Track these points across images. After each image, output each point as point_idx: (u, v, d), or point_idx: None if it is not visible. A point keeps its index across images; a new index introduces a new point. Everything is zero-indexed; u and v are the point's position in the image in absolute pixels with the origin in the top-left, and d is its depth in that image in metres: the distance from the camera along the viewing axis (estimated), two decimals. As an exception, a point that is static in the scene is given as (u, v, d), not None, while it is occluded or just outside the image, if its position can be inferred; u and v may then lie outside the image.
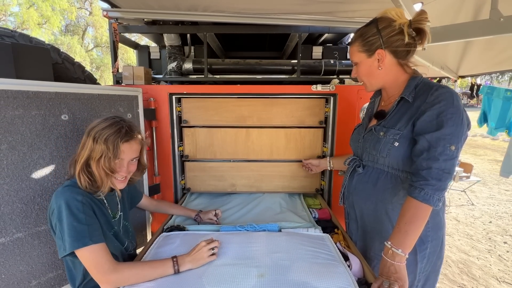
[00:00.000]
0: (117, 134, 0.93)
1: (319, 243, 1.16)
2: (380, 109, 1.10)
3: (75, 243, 0.84)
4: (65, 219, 0.85)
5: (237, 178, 1.79)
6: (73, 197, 0.89)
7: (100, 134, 0.92)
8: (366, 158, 1.09)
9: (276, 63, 1.88)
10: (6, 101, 0.99)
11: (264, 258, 1.03)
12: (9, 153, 1.02)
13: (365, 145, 1.09)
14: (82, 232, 0.85)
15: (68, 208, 0.86)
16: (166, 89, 1.61)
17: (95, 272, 0.86)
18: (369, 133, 1.08)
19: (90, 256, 0.86)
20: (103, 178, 0.94)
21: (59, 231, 0.87)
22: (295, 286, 0.87)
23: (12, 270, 1.06)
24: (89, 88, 1.24)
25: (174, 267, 0.93)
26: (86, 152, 0.93)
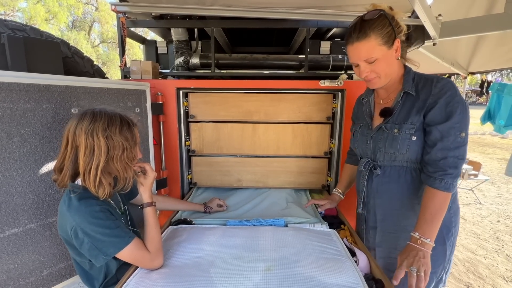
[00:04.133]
0: (125, 123, 0.92)
1: (326, 239, 1.16)
2: (383, 106, 1.08)
3: (115, 248, 0.86)
4: (93, 232, 0.84)
5: (243, 173, 1.79)
6: (91, 210, 0.86)
7: (110, 130, 0.88)
8: (381, 157, 1.07)
9: (284, 58, 1.87)
10: (18, 94, 1.01)
11: (271, 252, 1.04)
12: (21, 145, 1.04)
13: (377, 145, 1.07)
14: (117, 236, 0.87)
15: (91, 222, 0.85)
16: (173, 83, 1.61)
17: (142, 264, 0.92)
18: (379, 132, 1.06)
19: (132, 253, 0.89)
20: (126, 172, 0.92)
21: (90, 244, 0.84)
22: (302, 280, 0.88)
23: (24, 260, 1.08)
24: (99, 82, 1.25)
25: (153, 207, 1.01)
26: (103, 155, 0.86)
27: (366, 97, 1.18)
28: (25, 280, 1.10)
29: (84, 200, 0.87)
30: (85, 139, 0.86)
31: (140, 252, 0.90)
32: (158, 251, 0.94)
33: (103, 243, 0.84)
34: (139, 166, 1.01)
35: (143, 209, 1.00)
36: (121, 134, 0.90)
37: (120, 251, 0.86)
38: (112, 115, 0.91)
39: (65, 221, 0.87)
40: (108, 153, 0.88)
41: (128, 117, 0.96)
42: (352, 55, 0.97)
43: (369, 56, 0.94)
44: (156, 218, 1.00)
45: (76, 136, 0.87)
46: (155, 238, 0.95)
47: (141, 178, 1.01)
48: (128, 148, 0.91)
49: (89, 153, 0.86)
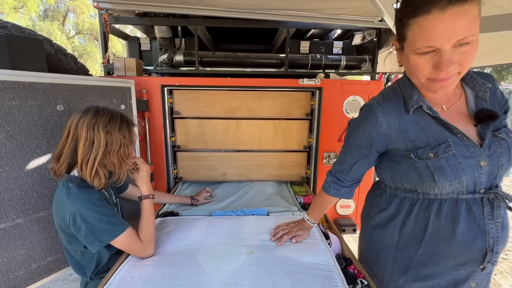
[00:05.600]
0: (125, 122, 0.98)
1: None
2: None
3: (110, 235, 0.91)
4: (91, 218, 0.89)
5: (228, 167, 1.87)
6: (90, 198, 0.91)
7: (111, 126, 0.93)
8: (500, 180, 0.75)
9: (265, 56, 1.95)
10: (3, 91, 1.02)
11: (253, 238, 1.13)
12: (7, 142, 1.05)
13: (498, 163, 0.72)
14: (112, 223, 0.92)
15: (91, 208, 0.89)
16: (158, 81, 1.65)
17: (137, 251, 0.98)
18: (493, 145, 0.71)
19: (125, 241, 0.94)
20: (120, 167, 0.98)
21: (87, 230, 0.89)
22: (281, 260, 0.98)
23: (13, 254, 1.11)
24: (83, 80, 1.27)
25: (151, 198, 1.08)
26: (101, 148, 0.91)
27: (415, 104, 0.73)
28: (14, 273, 1.12)
29: (83, 189, 0.92)
30: (86, 131, 0.91)
31: (133, 241, 0.96)
32: (150, 241, 1.01)
33: (99, 230, 0.89)
34: (131, 163, 1.06)
35: (141, 201, 1.05)
36: (120, 131, 0.95)
37: (115, 239, 0.92)
38: (114, 113, 0.97)
39: (63, 208, 0.91)
40: (106, 147, 0.93)
41: (128, 117, 1.02)
42: (439, 29, 0.58)
43: (469, 33, 0.58)
44: (152, 210, 1.06)
45: (78, 128, 0.92)
46: (149, 229, 1.01)
47: (135, 174, 1.07)
48: (125, 144, 0.97)
49: (88, 144, 0.92)
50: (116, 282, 0.88)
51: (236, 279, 0.88)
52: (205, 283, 0.86)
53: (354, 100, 1.74)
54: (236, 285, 0.85)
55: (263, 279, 0.88)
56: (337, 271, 0.92)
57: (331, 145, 1.81)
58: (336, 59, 1.96)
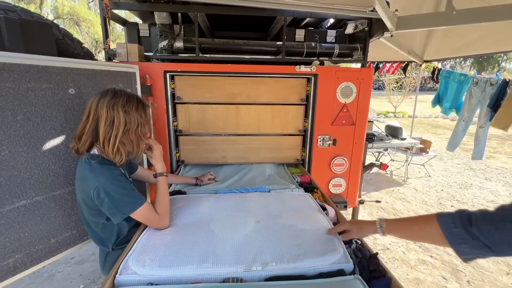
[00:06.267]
0: (141, 103, 1.05)
1: (302, 200, 1.40)
2: None
3: (131, 208, 0.99)
4: (113, 192, 0.96)
5: (228, 150, 1.97)
6: (112, 173, 0.99)
7: (129, 106, 1.00)
8: None
9: (263, 44, 2.02)
10: (20, 74, 1.06)
11: (258, 210, 1.25)
12: (25, 123, 1.10)
13: None
14: (133, 197, 1.01)
15: (113, 182, 0.97)
16: (160, 66, 1.70)
17: (154, 223, 1.06)
18: None
19: (144, 214, 1.02)
20: (139, 145, 1.06)
21: (110, 203, 0.96)
22: (285, 227, 1.10)
23: (34, 229, 1.18)
24: (93, 64, 1.31)
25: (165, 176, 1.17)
26: (121, 127, 0.98)
27: None
28: (35, 247, 1.20)
29: (106, 165, 1.00)
30: (106, 111, 0.98)
31: (151, 213, 1.05)
32: (165, 214, 1.10)
33: (121, 202, 0.98)
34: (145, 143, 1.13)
35: (156, 177, 1.15)
36: (137, 111, 1.02)
37: (135, 211, 1.01)
38: (130, 94, 1.04)
39: (87, 183, 0.98)
40: (125, 126, 1.00)
41: (143, 99, 1.09)
42: None
43: None
44: (166, 186, 1.15)
45: (98, 108, 0.99)
46: (164, 202, 1.11)
47: (150, 153, 1.16)
48: (142, 124, 1.04)
49: (109, 123, 0.98)
50: (139, 248, 0.98)
51: (247, 242, 0.99)
52: (220, 247, 0.96)
53: (346, 86, 1.86)
54: (248, 247, 0.96)
55: (271, 241, 0.99)
56: (335, 235, 1.05)
57: (325, 128, 1.94)
58: (330, 47, 2.06)
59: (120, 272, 0.85)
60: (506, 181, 4.75)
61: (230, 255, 0.90)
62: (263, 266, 0.85)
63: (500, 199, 3.99)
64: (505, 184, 4.61)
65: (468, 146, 6.98)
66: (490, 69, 24.77)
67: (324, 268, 0.85)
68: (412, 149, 4.27)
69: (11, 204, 1.10)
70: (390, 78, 12.25)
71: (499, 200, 3.95)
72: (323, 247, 0.94)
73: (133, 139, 1.04)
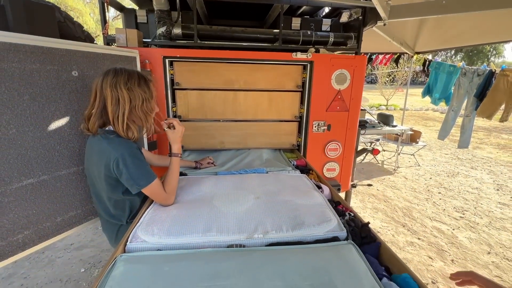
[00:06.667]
0: (142, 78, 1.08)
1: (298, 180, 1.47)
2: None
3: (146, 181, 1.04)
4: (131, 164, 1.01)
5: (226, 136, 2.02)
6: (130, 146, 1.04)
7: (131, 83, 1.02)
8: None
9: (260, 31, 2.06)
10: (25, 55, 1.09)
11: (257, 188, 1.31)
12: (31, 103, 1.13)
13: None
14: (148, 171, 1.05)
15: (131, 155, 1.02)
16: (160, 52, 1.72)
17: (161, 199, 1.10)
18: None
19: (154, 189, 1.07)
20: (147, 120, 1.11)
21: (128, 174, 1.01)
22: (283, 202, 1.17)
23: (41, 207, 1.22)
24: (95, 48, 1.34)
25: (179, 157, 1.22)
26: (127, 104, 1.02)
27: None
28: (42, 224, 1.24)
29: (121, 139, 1.06)
30: (110, 91, 1.01)
31: (160, 190, 1.10)
32: (172, 193, 1.15)
33: (138, 175, 1.03)
34: (168, 122, 1.20)
35: (170, 157, 1.21)
36: (140, 87, 1.05)
37: (149, 185, 1.05)
38: (131, 71, 1.07)
39: (106, 155, 1.02)
40: (130, 103, 1.04)
41: (144, 74, 1.11)
42: None
43: None
44: (178, 168, 1.21)
45: (103, 89, 1.02)
46: (173, 182, 1.16)
47: (169, 133, 1.21)
48: (147, 99, 1.08)
49: (115, 103, 1.02)
50: (146, 220, 1.03)
51: (248, 215, 1.05)
52: (223, 218, 1.02)
53: (341, 73, 1.93)
54: (249, 218, 1.03)
55: (270, 214, 1.06)
56: (329, 208, 1.12)
57: (320, 114, 2.01)
58: (325, 35, 2.11)
59: (130, 240, 0.90)
60: (491, 169, 4.96)
61: (233, 225, 0.96)
62: (264, 234, 0.91)
63: (484, 186, 4.18)
64: (489, 172, 4.81)
65: (456, 137, 7.19)
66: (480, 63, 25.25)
67: (320, 235, 0.92)
68: (403, 136, 4.42)
69: (19, 182, 1.14)
70: (383, 71, 12.40)
71: (483, 187, 4.15)
72: (319, 218, 1.00)
73: (141, 115, 1.08)
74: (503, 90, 3.27)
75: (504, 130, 8.58)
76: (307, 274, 0.70)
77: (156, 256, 0.80)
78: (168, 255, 0.81)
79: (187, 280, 0.69)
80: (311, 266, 0.73)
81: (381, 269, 0.77)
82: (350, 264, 0.75)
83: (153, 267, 0.74)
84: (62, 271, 2.25)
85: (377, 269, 0.76)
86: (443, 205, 3.54)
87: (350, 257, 0.78)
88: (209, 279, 0.69)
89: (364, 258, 0.79)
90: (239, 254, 0.80)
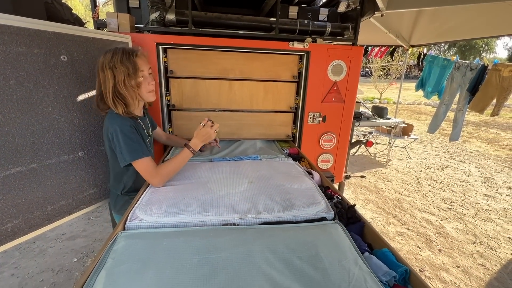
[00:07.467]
0: (127, 54, 1.10)
1: (290, 166, 1.49)
2: None
3: (132, 156, 1.08)
4: (121, 139, 1.08)
5: (221, 126, 1.95)
6: (123, 123, 1.10)
7: (113, 61, 1.06)
8: None
9: (256, 19, 2.01)
10: (10, 36, 1.03)
11: (251, 174, 1.33)
12: (17, 88, 1.08)
13: None
14: (136, 148, 1.09)
15: (122, 131, 1.08)
16: (153, 38, 1.67)
17: (147, 177, 1.12)
18: None
19: (143, 165, 1.11)
20: (133, 97, 1.14)
21: (118, 148, 1.09)
22: (275, 186, 1.18)
23: (30, 196, 1.19)
24: (85, 32, 1.28)
25: (191, 152, 1.23)
26: (110, 83, 1.08)
27: None
28: (32, 214, 1.22)
29: (121, 117, 1.13)
30: (100, 73, 1.10)
31: (150, 168, 1.12)
32: (164, 175, 1.14)
33: (125, 150, 1.08)
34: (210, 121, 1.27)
35: (184, 146, 1.24)
36: (123, 64, 1.07)
37: (135, 160, 1.09)
38: (117, 49, 1.10)
39: (108, 129, 1.12)
40: (115, 79, 1.08)
41: (131, 49, 1.14)
42: None
43: None
44: (185, 160, 1.23)
45: (98, 71, 1.11)
46: (170, 167, 1.17)
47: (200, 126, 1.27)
48: (130, 75, 1.10)
49: (103, 82, 1.10)
50: (144, 202, 1.02)
51: (242, 197, 1.07)
52: (218, 200, 1.04)
53: (337, 64, 1.92)
54: (242, 200, 1.04)
55: (263, 197, 1.08)
56: (318, 191, 1.15)
57: (315, 106, 2.00)
58: (322, 25, 2.08)
59: (130, 219, 0.92)
60: (479, 163, 5.10)
61: (227, 207, 0.99)
62: (257, 215, 0.95)
63: (472, 179, 4.30)
64: (477, 166, 4.95)
65: (447, 131, 7.33)
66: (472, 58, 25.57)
67: (309, 216, 0.96)
68: (396, 128, 4.47)
69: (7, 170, 1.10)
70: (377, 64, 12.42)
71: (471, 180, 4.26)
72: (308, 201, 1.04)
73: (125, 91, 1.11)
74: (495, 84, 3.32)
75: (493, 125, 8.78)
76: (296, 248, 0.75)
77: (154, 233, 0.84)
78: (166, 232, 0.85)
79: (184, 253, 0.73)
80: (300, 241, 0.79)
81: (364, 245, 0.83)
82: (335, 240, 0.81)
83: (152, 242, 0.78)
84: (54, 261, 2.23)
85: (360, 245, 0.81)
86: (432, 197, 3.64)
87: (336, 234, 0.84)
88: (205, 252, 0.73)
89: (348, 235, 0.84)
90: (233, 231, 0.85)
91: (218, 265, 0.69)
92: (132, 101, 1.16)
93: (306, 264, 0.70)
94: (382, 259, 0.75)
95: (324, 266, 0.69)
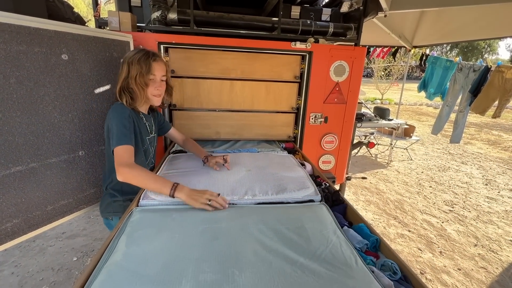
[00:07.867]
0: (146, 55, 1.17)
1: (286, 158, 1.57)
2: None
3: (117, 142, 1.07)
4: (115, 124, 1.10)
5: (222, 126, 1.99)
6: (123, 111, 1.15)
7: (133, 59, 1.14)
8: None
9: (258, 19, 2.00)
10: (10, 35, 1.03)
11: (249, 163, 1.39)
12: (18, 87, 1.08)
13: None
14: (123, 135, 1.08)
15: (117, 116, 1.11)
16: (155, 37, 1.66)
17: (116, 162, 1.02)
18: None
19: (120, 151, 1.05)
20: (140, 93, 1.17)
21: (111, 134, 1.11)
22: (270, 174, 1.26)
23: (30, 195, 1.19)
24: (86, 30, 1.27)
25: (170, 190, 0.97)
26: (123, 75, 1.16)
27: None
28: (32, 213, 1.21)
29: (123, 106, 1.17)
30: (122, 65, 1.18)
31: (123, 156, 1.03)
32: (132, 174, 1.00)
33: (114, 135, 1.08)
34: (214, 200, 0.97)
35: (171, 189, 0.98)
36: (139, 63, 1.14)
37: (116, 147, 1.05)
38: (140, 50, 1.19)
39: (108, 117, 1.16)
40: (129, 74, 1.15)
41: (153, 52, 1.20)
42: None
43: None
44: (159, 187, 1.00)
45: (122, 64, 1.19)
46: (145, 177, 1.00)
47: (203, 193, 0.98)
48: (142, 73, 1.15)
49: (120, 74, 1.19)
50: None
51: (240, 183, 1.17)
52: (218, 185, 1.14)
53: (340, 64, 1.90)
54: (240, 185, 1.15)
55: (259, 182, 1.17)
56: (309, 179, 1.23)
57: (317, 106, 1.99)
58: (325, 25, 2.07)
59: (142, 198, 1.02)
60: (480, 165, 5.07)
61: (227, 190, 1.10)
62: (253, 196, 1.06)
63: (474, 181, 4.28)
64: (479, 167, 4.92)
65: (448, 132, 7.30)
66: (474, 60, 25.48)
67: (298, 198, 1.08)
68: (398, 129, 4.46)
69: (7, 169, 1.09)
70: (379, 65, 12.38)
71: (472, 182, 4.24)
72: (299, 186, 1.14)
73: (134, 87, 1.17)
74: (497, 86, 3.30)
75: (495, 127, 8.75)
76: (284, 221, 0.89)
77: (165, 209, 0.98)
78: (174, 208, 0.98)
79: (190, 223, 0.88)
80: (289, 217, 0.92)
81: (344, 221, 0.96)
82: (319, 216, 0.94)
83: (163, 215, 0.92)
84: (54, 260, 2.23)
85: (341, 221, 0.94)
86: (434, 199, 3.62)
87: (320, 212, 0.97)
88: (208, 223, 0.88)
89: (331, 213, 0.96)
90: (232, 208, 0.99)
91: (219, 232, 0.83)
92: (138, 97, 1.20)
93: (292, 233, 0.83)
94: (358, 231, 0.88)
95: (307, 234, 0.83)
